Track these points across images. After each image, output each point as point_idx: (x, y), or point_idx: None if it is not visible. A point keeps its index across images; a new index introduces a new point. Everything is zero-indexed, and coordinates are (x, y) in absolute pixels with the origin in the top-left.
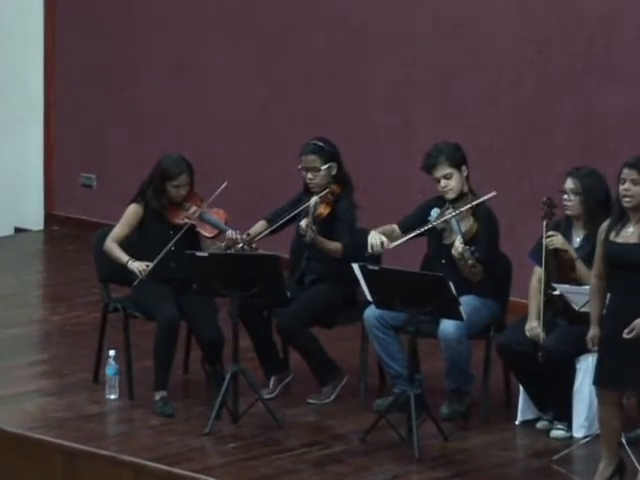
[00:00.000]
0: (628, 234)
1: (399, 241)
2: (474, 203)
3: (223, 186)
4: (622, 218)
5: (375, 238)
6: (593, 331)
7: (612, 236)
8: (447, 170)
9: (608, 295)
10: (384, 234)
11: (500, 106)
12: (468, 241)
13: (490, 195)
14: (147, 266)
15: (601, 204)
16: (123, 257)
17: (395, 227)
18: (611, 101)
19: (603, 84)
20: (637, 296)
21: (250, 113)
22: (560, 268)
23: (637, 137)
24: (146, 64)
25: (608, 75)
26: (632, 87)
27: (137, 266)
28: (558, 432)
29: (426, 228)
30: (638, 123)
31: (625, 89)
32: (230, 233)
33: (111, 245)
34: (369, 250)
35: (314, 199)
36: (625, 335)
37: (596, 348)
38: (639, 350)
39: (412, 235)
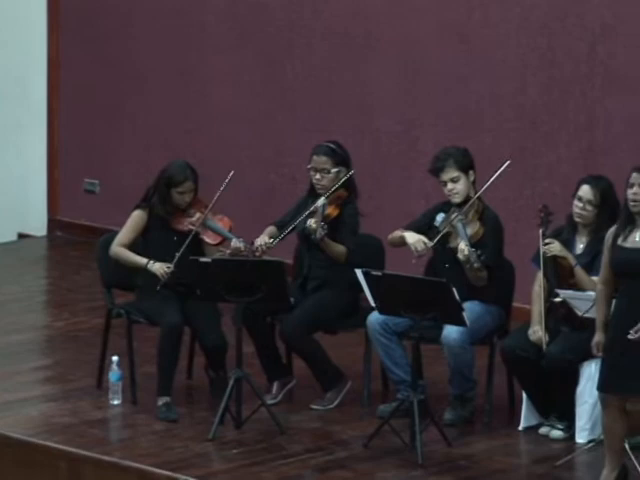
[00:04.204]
0: (636, 239)
1: (435, 241)
2: (479, 193)
3: (231, 175)
4: (630, 223)
5: (414, 238)
6: (598, 337)
7: (620, 241)
8: (454, 174)
9: (613, 301)
10: (394, 243)
11: (503, 113)
12: (473, 245)
13: (505, 165)
14: (168, 267)
15: (613, 214)
16: (141, 259)
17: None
18: (614, 108)
19: (606, 91)
20: None
21: (254, 120)
22: (559, 275)
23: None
24: (150, 70)
25: (611, 82)
26: (635, 94)
27: (158, 268)
28: (557, 432)
29: (441, 235)
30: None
31: (628, 96)
32: (234, 241)
33: (121, 250)
34: (414, 253)
35: (322, 200)
36: (630, 336)
37: (601, 354)
38: None
39: (435, 241)
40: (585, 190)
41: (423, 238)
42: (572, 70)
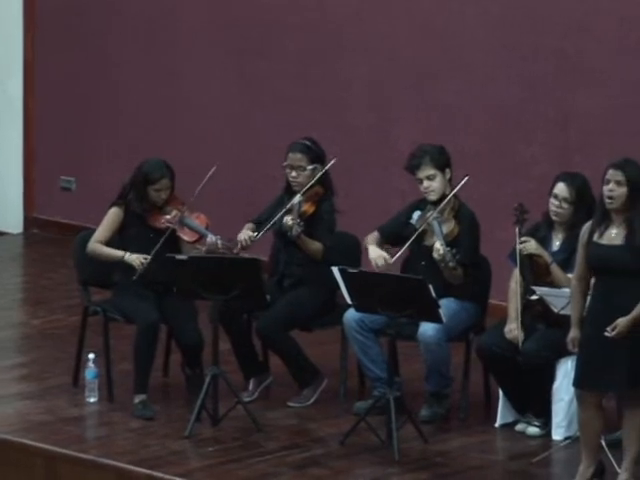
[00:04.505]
0: (612, 236)
1: (397, 255)
2: (451, 194)
3: (212, 170)
4: (605, 220)
5: (376, 254)
6: (573, 333)
7: (595, 237)
8: (431, 171)
9: (589, 297)
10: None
11: (478, 111)
12: (449, 243)
13: (464, 181)
14: (145, 258)
15: (589, 211)
16: (117, 252)
17: (376, 236)
18: (588, 104)
19: (580, 88)
20: (620, 297)
21: (231, 118)
22: (535, 272)
23: (615, 139)
24: (127, 69)
25: (584, 78)
26: (609, 90)
27: (135, 259)
28: (533, 429)
29: (416, 234)
30: (616, 125)
31: (602, 92)
32: (210, 238)
33: (97, 246)
34: (375, 267)
35: (297, 197)
36: (608, 333)
37: (576, 350)
38: (619, 352)
39: (406, 245)
40: (561, 188)
41: (384, 254)
42: (546, 67)
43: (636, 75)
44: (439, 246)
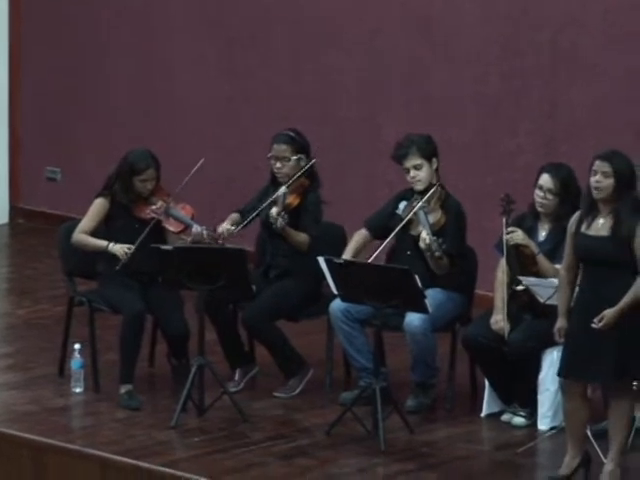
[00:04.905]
0: (599, 226)
1: (377, 252)
2: (434, 188)
3: (200, 163)
4: (593, 210)
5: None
6: (560, 322)
7: (583, 228)
8: (417, 161)
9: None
10: (357, 248)
11: (465, 102)
12: (435, 233)
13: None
14: (129, 248)
15: (575, 202)
16: (101, 242)
17: (365, 234)
18: (576, 96)
19: (567, 79)
20: (607, 288)
21: (216, 107)
22: (522, 263)
23: (601, 131)
24: (114, 60)
25: (572, 70)
26: (596, 82)
27: (118, 249)
28: (519, 419)
29: (400, 226)
30: (602, 118)
31: (589, 84)
32: (196, 228)
33: (82, 236)
34: None
35: (282, 189)
36: (594, 325)
37: (562, 340)
38: (606, 343)
39: (392, 235)
40: (545, 179)
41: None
42: (534, 59)
43: (623, 67)
44: (425, 235)
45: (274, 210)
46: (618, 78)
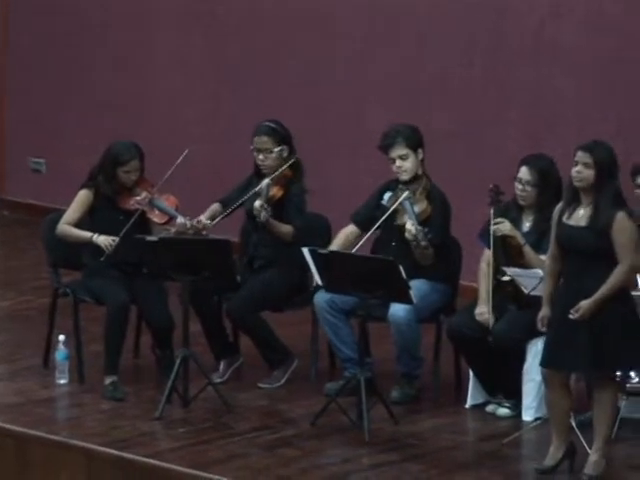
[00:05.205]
0: (579, 216)
1: (361, 242)
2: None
3: (184, 154)
4: (574, 200)
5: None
6: (544, 311)
7: (565, 218)
8: (403, 151)
9: None
10: (344, 244)
11: (450, 91)
12: (421, 223)
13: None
14: (113, 240)
15: (555, 193)
16: (85, 233)
17: (353, 229)
18: (562, 86)
19: (553, 69)
20: (587, 278)
21: (201, 98)
22: (508, 254)
23: (586, 121)
24: (98, 49)
25: (559, 60)
26: (580, 72)
27: (103, 240)
28: (504, 410)
29: (386, 216)
30: (587, 107)
31: (573, 74)
32: (180, 219)
33: (66, 227)
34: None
35: (266, 181)
36: (571, 315)
37: (545, 328)
38: (582, 334)
39: (377, 225)
40: (523, 171)
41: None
42: (520, 48)
43: (606, 56)
44: (410, 226)
45: (257, 202)
46: (602, 67)
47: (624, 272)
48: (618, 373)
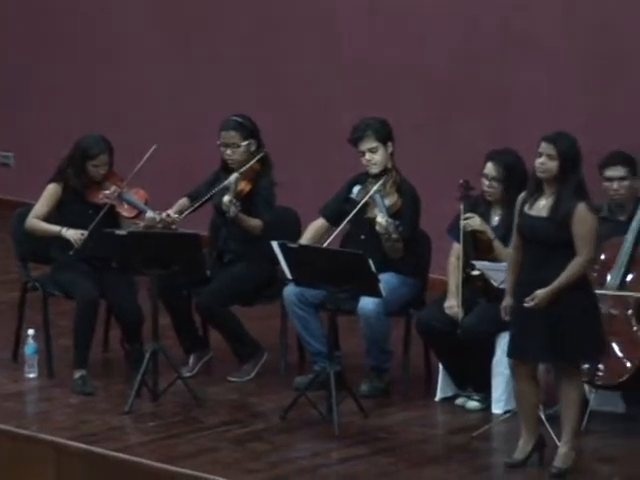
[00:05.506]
0: (540, 207)
1: (332, 236)
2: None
3: (152, 149)
4: (537, 190)
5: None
6: (506, 301)
7: (526, 208)
8: (373, 144)
9: None
10: (314, 238)
11: (418, 85)
12: (391, 216)
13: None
14: (82, 234)
15: (521, 188)
16: (54, 227)
17: (323, 223)
18: (529, 79)
19: (519, 63)
20: (546, 268)
21: (169, 93)
22: (478, 248)
23: (555, 115)
24: (66, 44)
25: (524, 54)
26: (547, 66)
27: (72, 234)
28: (473, 403)
29: (357, 209)
30: (556, 101)
31: (541, 68)
32: (149, 213)
33: (35, 221)
34: None
35: (234, 175)
36: (526, 304)
37: (508, 317)
38: (539, 323)
39: (348, 218)
40: (489, 167)
41: None
42: (487, 43)
43: (575, 50)
44: (381, 219)
45: (226, 198)
46: (571, 61)
47: (582, 263)
48: (586, 366)
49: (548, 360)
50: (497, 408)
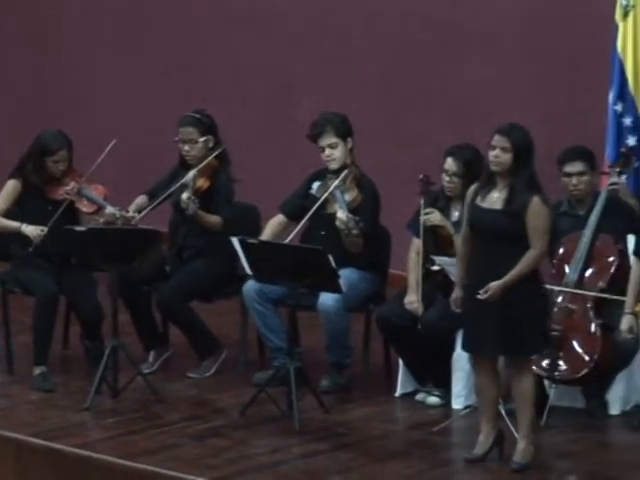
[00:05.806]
0: (493, 199)
1: (294, 232)
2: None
3: (112, 144)
4: (490, 183)
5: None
6: (456, 293)
7: (478, 200)
8: (333, 140)
9: None
10: (274, 234)
11: (374, 80)
12: (351, 212)
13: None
14: (42, 231)
15: None
16: (14, 224)
17: (282, 219)
18: (488, 74)
19: (480, 58)
20: (498, 261)
21: (129, 88)
22: (438, 244)
23: (513, 109)
24: (27, 35)
25: (484, 49)
26: (507, 60)
27: (32, 230)
28: (433, 399)
29: (317, 205)
30: (513, 95)
31: (500, 62)
32: (109, 209)
33: None
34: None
35: (192, 172)
36: (480, 296)
37: (459, 310)
38: (491, 316)
39: (306, 218)
40: (449, 163)
41: None
42: (446, 37)
43: (532, 44)
44: (342, 214)
45: (185, 195)
46: (527, 55)
47: (535, 256)
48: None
49: (500, 352)
50: (457, 403)
